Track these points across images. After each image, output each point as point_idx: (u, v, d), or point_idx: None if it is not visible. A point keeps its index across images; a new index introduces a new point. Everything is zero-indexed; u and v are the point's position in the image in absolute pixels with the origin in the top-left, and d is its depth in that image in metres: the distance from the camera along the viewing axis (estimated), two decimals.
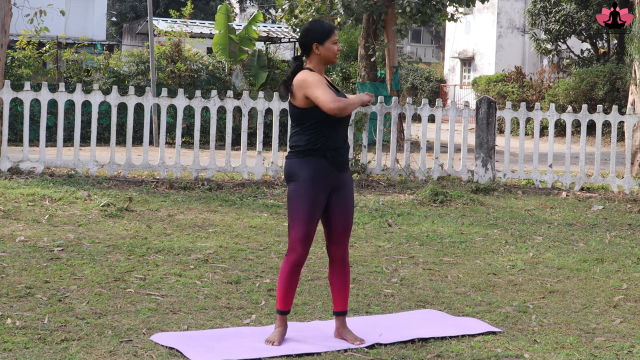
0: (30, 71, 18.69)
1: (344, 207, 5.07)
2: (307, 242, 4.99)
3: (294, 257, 5.00)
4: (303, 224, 4.95)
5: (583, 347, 5.15)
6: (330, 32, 5.03)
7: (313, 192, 4.95)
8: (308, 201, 4.94)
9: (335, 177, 5.03)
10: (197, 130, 12.27)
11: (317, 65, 5.05)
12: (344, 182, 5.08)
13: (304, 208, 4.94)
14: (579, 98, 24.07)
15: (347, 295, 5.17)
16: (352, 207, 5.12)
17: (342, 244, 5.10)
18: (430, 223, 9.50)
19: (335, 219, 5.07)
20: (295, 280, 5.07)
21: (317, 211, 4.98)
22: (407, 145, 12.87)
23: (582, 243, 8.67)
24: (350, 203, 5.11)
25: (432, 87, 38.15)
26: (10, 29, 12.55)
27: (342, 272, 5.14)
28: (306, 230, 4.96)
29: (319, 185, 4.96)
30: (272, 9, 49.08)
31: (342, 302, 5.15)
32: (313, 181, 4.95)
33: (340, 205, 5.06)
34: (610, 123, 12.77)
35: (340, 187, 5.07)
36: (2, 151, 12.08)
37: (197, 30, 28.21)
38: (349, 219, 5.10)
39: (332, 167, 5.00)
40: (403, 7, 18.51)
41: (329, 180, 5.01)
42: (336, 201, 5.06)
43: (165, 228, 8.64)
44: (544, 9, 27.17)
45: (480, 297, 6.31)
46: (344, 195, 5.08)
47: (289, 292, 5.06)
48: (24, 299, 5.78)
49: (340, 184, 5.07)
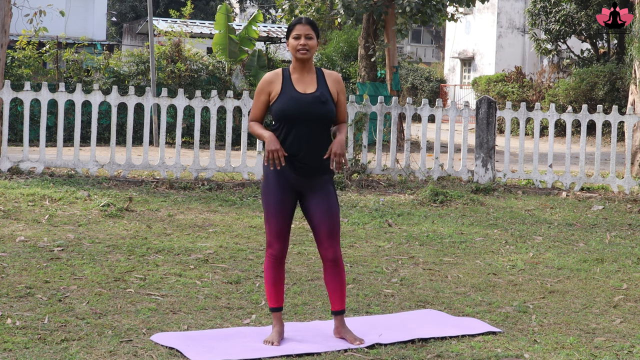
0: (30, 71, 18.69)
1: (325, 209, 4.99)
2: (280, 237, 5.01)
3: (271, 251, 5.05)
4: (272, 219, 5.00)
5: (583, 347, 5.15)
6: (291, 27, 4.98)
7: (275, 190, 4.98)
8: (272, 198, 4.99)
9: (299, 180, 4.97)
10: (197, 130, 12.27)
11: (293, 62, 5.03)
12: (316, 185, 4.99)
13: (270, 204, 5.00)
14: (579, 98, 24.07)
15: (344, 294, 5.13)
16: (334, 208, 5.01)
17: (330, 246, 5.02)
18: (430, 223, 9.50)
19: (318, 221, 5.01)
20: (278, 274, 5.07)
21: (284, 208, 4.98)
22: (407, 145, 12.87)
23: (582, 243, 8.67)
24: (332, 204, 5.00)
25: (432, 87, 38.15)
26: (10, 29, 12.55)
27: (336, 273, 5.08)
28: (276, 225, 4.99)
29: (280, 183, 4.97)
30: (272, 9, 49.08)
31: (339, 301, 5.12)
32: (274, 180, 4.98)
33: (319, 207, 4.99)
34: (610, 123, 12.77)
35: (315, 189, 5.00)
36: (2, 151, 12.08)
37: (197, 30, 28.20)
38: (333, 221, 5.01)
39: (292, 172, 4.96)
40: (403, 7, 18.52)
41: (291, 180, 4.97)
42: (315, 204, 5.00)
43: (165, 228, 8.64)
44: (544, 9, 27.17)
45: (480, 297, 6.31)
46: (322, 197, 5.00)
47: (275, 288, 5.07)
48: (24, 299, 5.78)
49: (312, 187, 4.99)
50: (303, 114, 4.90)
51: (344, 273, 5.12)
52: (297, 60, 4.99)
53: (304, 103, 4.91)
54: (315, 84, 4.99)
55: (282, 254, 5.05)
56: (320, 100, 4.94)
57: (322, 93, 4.96)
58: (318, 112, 4.92)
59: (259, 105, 5.01)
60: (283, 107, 4.91)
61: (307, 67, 5.00)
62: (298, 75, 5.00)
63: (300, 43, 4.93)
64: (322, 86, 5.00)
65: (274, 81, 4.98)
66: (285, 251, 5.07)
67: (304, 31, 4.94)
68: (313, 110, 4.91)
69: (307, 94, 4.94)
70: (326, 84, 5.02)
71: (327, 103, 4.95)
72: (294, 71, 5.01)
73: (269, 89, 4.98)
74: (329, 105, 4.96)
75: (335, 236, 5.02)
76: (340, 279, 5.10)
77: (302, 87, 4.97)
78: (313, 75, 5.02)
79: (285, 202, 4.99)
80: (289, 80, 4.98)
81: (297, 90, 4.95)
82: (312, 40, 4.95)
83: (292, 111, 4.90)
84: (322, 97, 4.95)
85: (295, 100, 4.91)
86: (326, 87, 5.01)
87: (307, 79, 5.00)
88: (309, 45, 4.93)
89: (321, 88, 4.99)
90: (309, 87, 4.97)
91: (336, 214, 5.03)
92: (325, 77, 5.04)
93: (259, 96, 5.01)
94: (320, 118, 4.93)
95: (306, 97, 4.93)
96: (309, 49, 4.93)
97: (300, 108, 4.90)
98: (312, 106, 4.91)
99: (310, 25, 4.96)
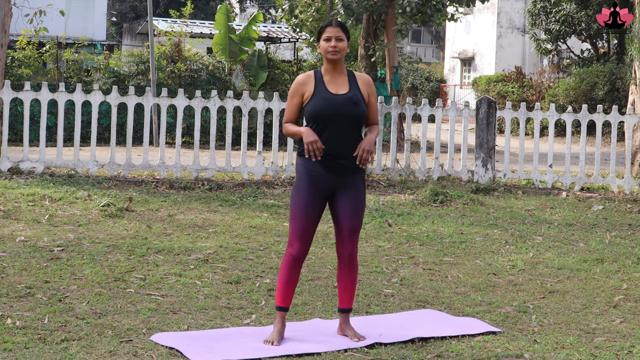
0: (30, 71, 18.70)
1: (352, 209, 5.08)
2: (303, 238, 5.04)
3: (291, 251, 5.07)
4: (298, 219, 5.04)
5: (583, 347, 5.15)
6: (322, 29, 5.10)
7: (306, 190, 5.02)
8: (301, 197, 5.04)
9: (330, 179, 5.04)
10: (197, 130, 12.27)
11: (325, 64, 5.13)
12: (347, 184, 5.07)
13: (298, 203, 5.05)
14: (579, 98, 24.07)
15: (353, 293, 5.23)
16: (360, 209, 5.12)
17: (349, 244, 5.12)
18: (430, 223, 9.50)
19: (343, 220, 5.09)
20: (293, 275, 5.09)
21: (312, 209, 5.03)
22: (407, 145, 12.87)
23: (582, 243, 8.67)
24: (359, 204, 5.11)
25: (432, 87, 38.15)
26: (10, 29, 12.54)
27: (350, 271, 5.18)
28: (301, 226, 5.03)
29: (312, 184, 5.02)
30: (272, 9, 49.09)
31: (348, 300, 5.21)
32: (306, 179, 5.03)
33: (347, 206, 5.08)
34: (610, 123, 12.77)
35: (345, 189, 5.08)
36: (2, 151, 12.08)
37: (197, 30, 28.21)
38: (357, 221, 5.11)
39: (323, 171, 5.03)
40: (403, 7, 18.51)
41: (323, 181, 5.03)
42: (343, 202, 5.09)
43: (165, 228, 8.64)
44: (544, 9, 27.17)
45: (480, 297, 6.31)
46: (351, 196, 5.08)
47: (286, 288, 5.10)
48: (24, 299, 5.78)
49: (343, 185, 5.07)
50: (335, 114, 4.99)
51: (357, 272, 5.23)
52: (328, 62, 5.10)
53: (337, 104, 5.01)
54: (347, 85, 5.09)
55: (300, 256, 5.07)
56: (352, 101, 5.03)
57: (354, 94, 5.06)
58: (350, 112, 5.01)
59: (293, 107, 5.12)
60: (316, 107, 5.01)
61: (338, 68, 5.11)
62: (330, 77, 5.10)
63: (330, 45, 5.06)
64: (353, 87, 5.09)
65: (307, 83, 5.09)
66: (304, 253, 5.09)
67: (334, 33, 5.06)
68: (345, 111, 5.01)
69: (340, 95, 5.04)
70: (357, 86, 5.11)
71: (359, 104, 5.05)
72: (325, 73, 5.11)
73: (302, 90, 5.09)
74: (360, 106, 5.05)
75: (355, 235, 5.13)
76: (352, 277, 5.20)
77: (334, 88, 5.07)
78: (344, 77, 5.13)
79: (314, 204, 5.04)
80: (321, 82, 5.08)
81: (329, 91, 5.05)
82: (343, 42, 5.07)
83: (325, 111, 4.99)
84: (354, 97, 5.05)
85: (328, 101, 5.01)
86: (357, 89, 5.10)
87: (339, 80, 5.10)
88: (339, 47, 5.05)
89: (353, 89, 5.08)
90: (341, 88, 5.07)
91: (361, 215, 5.14)
92: (357, 79, 5.14)
93: (292, 98, 5.11)
94: (352, 118, 5.02)
95: (338, 98, 5.03)
96: (339, 50, 5.05)
97: (332, 108, 5.00)
98: (345, 107, 5.01)
99: (340, 27, 5.10)
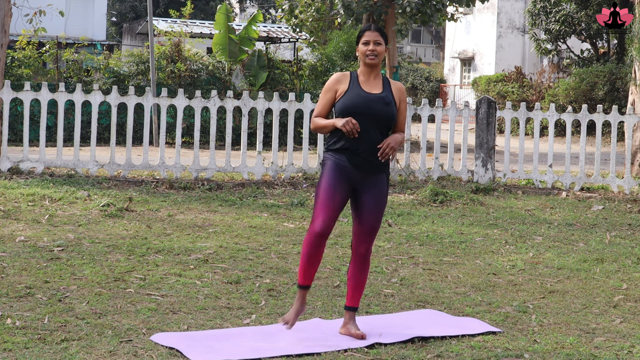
0: (30, 71, 18.69)
1: (374, 207, 5.17)
2: (327, 213, 5.06)
3: (314, 227, 5.09)
4: (322, 197, 5.09)
5: (583, 347, 5.15)
6: (360, 33, 5.26)
7: (330, 175, 5.11)
8: (325, 180, 5.12)
9: (357, 174, 5.13)
10: (197, 130, 12.27)
11: (361, 66, 5.25)
12: (372, 182, 5.17)
13: (322, 185, 5.13)
14: (579, 98, 24.07)
15: (362, 292, 5.30)
16: (382, 208, 5.20)
17: (366, 241, 5.20)
18: (430, 223, 9.50)
19: (364, 217, 5.17)
20: (315, 252, 5.10)
21: (336, 190, 5.09)
22: (407, 145, 12.88)
23: (582, 243, 8.67)
24: (381, 204, 5.19)
25: (432, 87, 38.15)
26: (10, 29, 12.54)
27: (362, 269, 5.25)
28: (325, 203, 5.08)
29: (337, 173, 5.11)
30: (272, 9, 49.08)
31: (356, 298, 5.28)
32: (333, 169, 5.12)
33: (369, 203, 5.16)
34: (610, 123, 12.77)
35: (369, 188, 5.16)
36: (2, 151, 12.08)
37: (197, 30, 28.21)
38: (378, 220, 5.20)
39: (350, 165, 5.12)
40: (403, 7, 18.51)
41: (349, 174, 5.13)
42: (366, 199, 5.17)
43: (165, 228, 8.63)
44: (544, 9, 27.17)
45: (480, 297, 6.31)
46: (374, 194, 5.17)
47: (308, 264, 5.13)
48: (24, 299, 5.78)
49: (368, 183, 5.16)
50: (367, 111, 5.11)
51: (367, 272, 5.30)
52: (365, 65, 5.23)
53: (369, 101, 5.13)
54: (381, 87, 5.22)
55: (323, 231, 5.07)
56: (384, 101, 5.16)
57: (387, 95, 5.19)
58: (381, 111, 5.12)
59: (325, 102, 5.24)
60: (348, 102, 5.13)
61: (374, 72, 5.24)
62: (365, 78, 5.24)
63: (369, 49, 5.20)
64: (387, 90, 5.23)
65: (342, 80, 5.22)
66: (328, 229, 5.09)
67: (372, 37, 5.22)
68: (376, 109, 5.12)
69: (373, 94, 5.17)
70: (391, 90, 5.24)
71: (390, 105, 5.17)
72: (361, 74, 5.25)
73: (336, 87, 5.22)
74: (391, 107, 5.18)
75: (373, 234, 5.22)
76: (363, 276, 5.28)
77: (368, 88, 5.20)
78: (379, 80, 5.26)
79: (338, 187, 5.11)
80: (356, 81, 5.22)
81: (363, 90, 5.18)
82: (380, 46, 5.22)
83: (357, 106, 5.11)
84: (386, 98, 5.17)
85: (361, 97, 5.14)
86: (391, 92, 5.23)
87: (374, 82, 5.24)
88: (377, 50, 5.21)
89: (386, 91, 5.21)
90: (375, 89, 5.21)
91: (382, 214, 5.23)
92: (391, 84, 5.28)
93: (325, 94, 5.23)
94: (382, 117, 5.13)
95: (371, 96, 5.16)
96: (377, 54, 5.21)
97: (365, 105, 5.12)
98: (376, 105, 5.13)
99: (378, 32, 5.25)
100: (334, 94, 5.20)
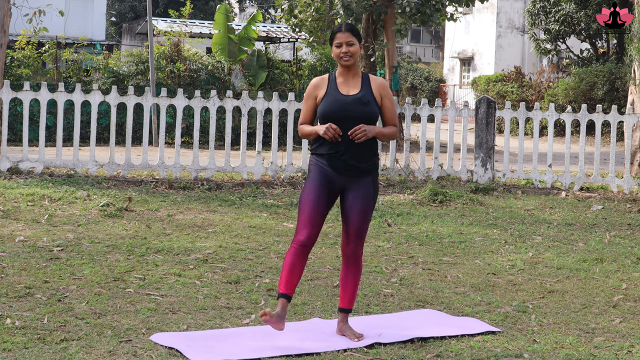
0: (30, 71, 18.69)
1: (360, 209, 5.14)
2: (310, 223, 5.07)
3: (298, 237, 5.09)
4: (306, 207, 5.09)
5: (583, 347, 5.15)
6: (332, 36, 5.20)
7: (314, 180, 5.12)
8: (309, 187, 5.12)
9: (340, 179, 5.12)
10: (196, 130, 12.27)
11: (339, 67, 5.23)
12: (358, 184, 5.14)
13: (305, 193, 5.13)
14: (578, 98, 24.08)
15: (355, 294, 5.26)
16: (369, 210, 5.17)
17: (353, 243, 5.17)
18: (430, 223, 9.50)
19: (350, 219, 5.15)
20: (297, 261, 5.07)
21: (319, 198, 5.09)
22: (407, 145, 12.88)
23: (582, 243, 8.67)
24: (367, 206, 5.15)
25: (431, 87, 38.14)
26: (9, 29, 12.54)
27: (353, 271, 5.22)
28: (308, 212, 5.08)
29: (322, 178, 5.11)
30: (271, 9, 49.08)
31: (349, 300, 5.24)
32: (317, 174, 5.12)
33: (355, 206, 5.14)
34: (610, 123, 12.78)
35: (354, 190, 5.14)
36: (2, 151, 12.07)
37: (196, 30, 28.20)
38: (364, 222, 5.16)
39: (333, 170, 5.11)
40: (403, 7, 18.51)
41: (334, 178, 5.12)
42: (352, 201, 5.14)
43: (164, 228, 8.63)
44: (543, 9, 27.17)
45: (479, 297, 6.31)
46: (360, 196, 5.14)
47: (289, 273, 5.07)
48: (24, 299, 5.78)
49: (353, 185, 5.14)
50: (344, 114, 5.08)
51: (360, 273, 5.27)
52: (340, 66, 5.19)
53: (346, 104, 5.10)
54: (359, 87, 5.18)
55: (308, 242, 5.08)
56: (361, 101, 5.11)
57: (364, 95, 5.14)
58: (358, 112, 5.09)
59: (307, 109, 5.24)
60: (326, 108, 5.11)
61: (352, 71, 5.20)
62: (343, 79, 5.20)
63: (342, 51, 5.14)
64: (365, 89, 5.17)
65: (320, 86, 5.20)
66: (312, 240, 5.09)
67: (344, 39, 5.14)
68: (353, 111, 5.08)
69: (349, 96, 5.13)
70: (370, 88, 5.18)
71: (368, 104, 5.12)
72: (339, 75, 5.22)
73: (315, 93, 5.20)
74: (370, 106, 5.12)
75: (362, 236, 5.19)
76: (355, 278, 5.24)
77: (345, 90, 5.16)
78: (358, 79, 5.21)
79: (322, 194, 5.11)
80: (334, 84, 5.19)
81: (340, 93, 5.15)
82: (354, 46, 5.14)
83: (334, 112, 5.09)
84: (363, 98, 5.12)
85: (337, 102, 5.11)
86: (370, 91, 5.17)
87: (352, 82, 5.19)
88: (350, 51, 5.14)
89: (364, 90, 5.16)
90: (352, 90, 5.16)
91: (369, 216, 5.19)
92: (370, 81, 5.21)
93: (307, 101, 5.23)
94: (361, 118, 5.08)
95: (347, 99, 5.12)
96: (351, 54, 5.14)
97: (341, 109, 5.09)
98: (353, 107, 5.09)
99: (350, 32, 5.16)
100: (314, 100, 5.19)
